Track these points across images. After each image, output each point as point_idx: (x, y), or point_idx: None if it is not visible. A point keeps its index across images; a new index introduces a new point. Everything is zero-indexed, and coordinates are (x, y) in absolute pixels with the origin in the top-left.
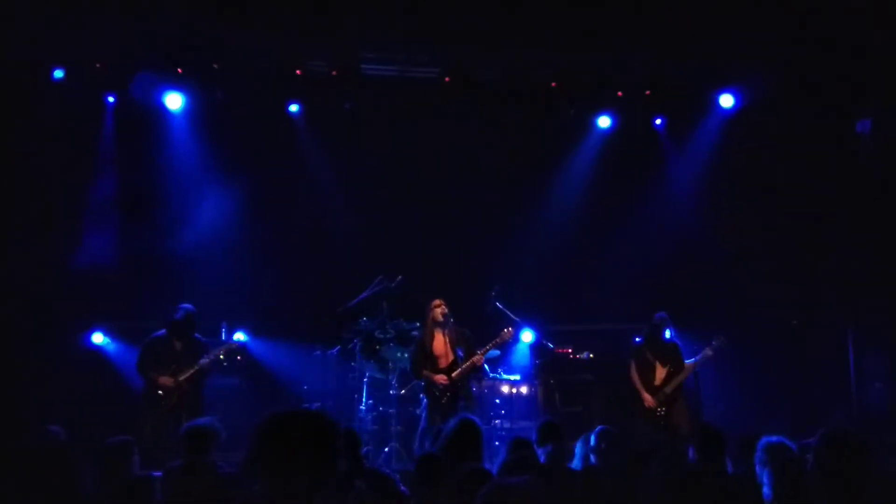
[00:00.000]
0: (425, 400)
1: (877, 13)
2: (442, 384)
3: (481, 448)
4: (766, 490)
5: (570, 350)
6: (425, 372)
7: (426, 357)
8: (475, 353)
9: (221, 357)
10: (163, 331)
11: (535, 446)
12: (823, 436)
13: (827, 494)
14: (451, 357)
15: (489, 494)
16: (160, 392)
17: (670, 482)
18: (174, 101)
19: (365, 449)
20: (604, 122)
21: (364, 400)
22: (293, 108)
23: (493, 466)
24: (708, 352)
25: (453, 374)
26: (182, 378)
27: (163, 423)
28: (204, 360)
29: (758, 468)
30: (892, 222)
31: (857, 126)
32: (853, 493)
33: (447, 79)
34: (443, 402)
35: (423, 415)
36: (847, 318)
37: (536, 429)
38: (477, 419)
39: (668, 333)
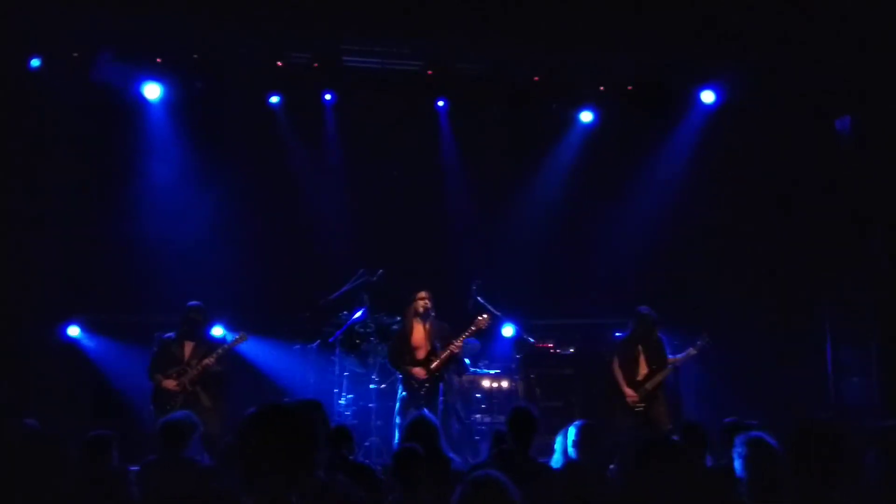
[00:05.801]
0: (403, 393)
1: (857, 10)
2: (420, 378)
3: (437, 443)
4: (742, 483)
5: (551, 345)
6: (404, 367)
7: (405, 348)
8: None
9: (220, 353)
10: (173, 332)
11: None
12: (797, 425)
13: (801, 486)
14: (428, 348)
15: (466, 489)
16: (165, 395)
17: (650, 476)
18: (152, 90)
19: None
20: (586, 116)
21: (344, 394)
22: (274, 99)
23: (475, 461)
24: (692, 351)
25: (432, 366)
26: (186, 380)
27: None
28: (207, 360)
29: (736, 462)
30: (870, 218)
31: (837, 123)
32: (828, 484)
33: (430, 72)
34: (421, 393)
35: (397, 408)
36: (824, 312)
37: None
38: (431, 415)
39: (656, 329)
